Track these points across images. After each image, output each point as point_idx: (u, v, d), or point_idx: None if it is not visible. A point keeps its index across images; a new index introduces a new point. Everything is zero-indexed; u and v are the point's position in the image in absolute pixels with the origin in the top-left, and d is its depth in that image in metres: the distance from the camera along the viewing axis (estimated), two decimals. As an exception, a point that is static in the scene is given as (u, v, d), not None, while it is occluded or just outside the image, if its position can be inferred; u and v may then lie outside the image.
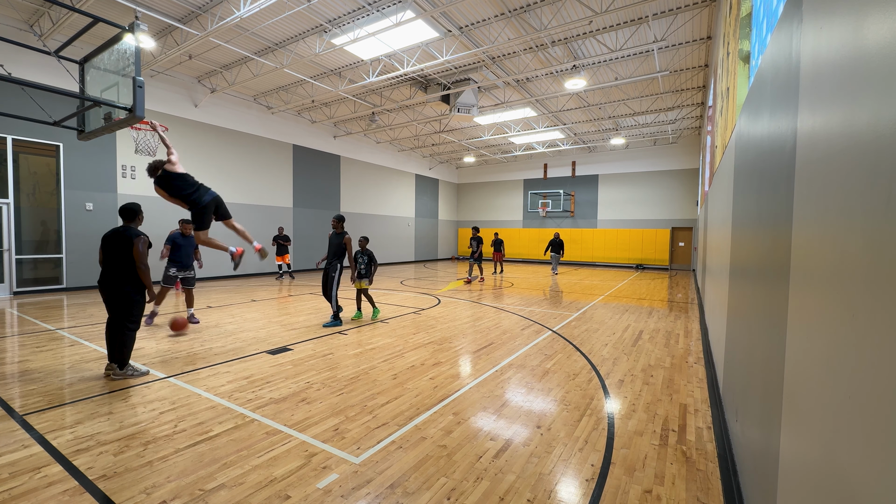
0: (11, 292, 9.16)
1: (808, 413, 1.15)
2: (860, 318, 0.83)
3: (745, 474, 2.20)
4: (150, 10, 8.31)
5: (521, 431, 3.07)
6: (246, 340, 5.53)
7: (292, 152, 15.43)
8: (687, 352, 5.30)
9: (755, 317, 2.12)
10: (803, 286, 1.26)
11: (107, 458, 2.61)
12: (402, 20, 8.22)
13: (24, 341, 5.42)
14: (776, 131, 1.79)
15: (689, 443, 2.93)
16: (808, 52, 1.33)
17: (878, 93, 0.79)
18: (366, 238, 7.07)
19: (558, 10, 8.34)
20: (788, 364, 1.39)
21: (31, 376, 4.11)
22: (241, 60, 10.97)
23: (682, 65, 10.97)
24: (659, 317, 7.67)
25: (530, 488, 2.37)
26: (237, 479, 2.41)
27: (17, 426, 3.05)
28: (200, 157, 12.52)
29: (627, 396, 3.77)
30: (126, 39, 4.22)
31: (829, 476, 0.97)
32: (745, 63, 4.36)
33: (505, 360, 4.83)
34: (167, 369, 4.35)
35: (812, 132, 1.23)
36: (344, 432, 3.00)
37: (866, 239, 0.82)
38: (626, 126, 16.78)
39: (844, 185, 0.95)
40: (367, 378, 4.15)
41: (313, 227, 16.12)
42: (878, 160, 0.78)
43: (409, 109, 14.78)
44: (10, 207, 9.07)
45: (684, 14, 8.50)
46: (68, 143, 9.80)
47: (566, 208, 21.65)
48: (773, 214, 1.76)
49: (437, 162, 23.69)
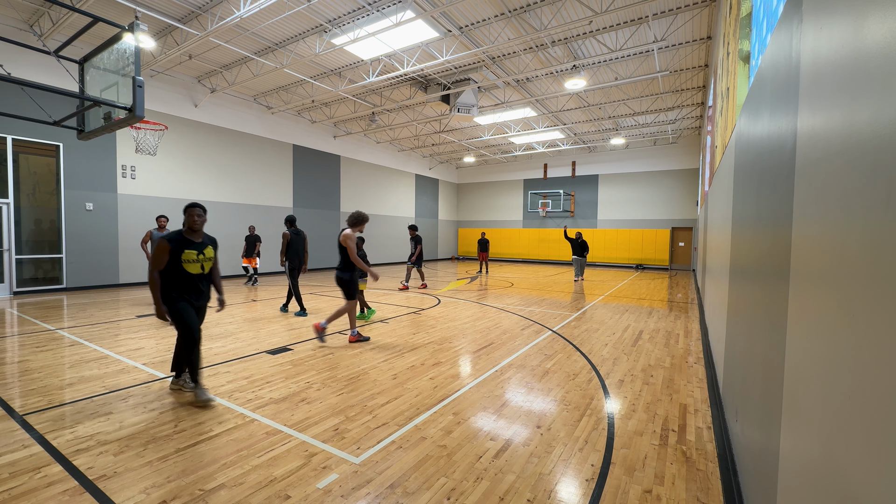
0: (11, 292, 9.16)
1: (808, 413, 1.15)
2: (860, 318, 0.83)
3: (745, 474, 2.20)
4: (150, 10, 8.31)
5: (521, 431, 3.07)
6: (246, 340, 5.53)
7: (292, 152, 15.44)
8: (687, 352, 5.30)
9: (755, 317, 2.12)
10: (803, 286, 1.26)
11: (107, 458, 2.61)
12: (402, 20, 8.22)
13: (24, 341, 5.42)
14: (776, 131, 1.79)
15: (689, 443, 2.93)
16: (808, 52, 1.33)
17: (878, 93, 0.79)
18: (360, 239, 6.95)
19: (558, 10, 8.34)
20: (788, 364, 1.39)
21: (31, 376, 4.10)
22: (241, 60, 10.97)
23: (682, 65, 10.98)
24: (659, 317, 7.67)
25: (530, 488, 2.37)
26: (237, 479, 2.41)
27: (17, 426, 3.05)
28: (200, 157, 12.53)
29: (627, 396, 3.77)
30: (126, 39, 4.23)
31: (828, 476, 0.96)
32: (745, 63, 4.36)
33: (505, 360, 4.83)
34: (167, 369, 4.34)
35: (812, 132, 1.23)
36: (344, 432, 3.00)
37: (866, 239, 0.82)
38: (626, 126, 16.78)
39: (844, 185, 0.95)
40: (367, 378, 4.15)
41: (314, 227, 16.12)
42: (877, 160, 0.78)
43: (409, 109, 14.79)
44: (10, 207, 9.07)
45: (684, 14, 8.51)
46: (68, 143, 9.80)
47: (566, 208, 21.65)
48: (773, 214, 1.76)
49: (437, 162, 23.69)
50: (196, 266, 3.53)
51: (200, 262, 3.56)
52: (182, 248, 3.45)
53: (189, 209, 3.54)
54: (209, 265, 3.65)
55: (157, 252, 3.39)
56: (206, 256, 3.59)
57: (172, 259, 3.41)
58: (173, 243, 3.42)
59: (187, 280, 3.51)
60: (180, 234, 3.50)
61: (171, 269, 3.44)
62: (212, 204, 12.74)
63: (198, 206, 3.58)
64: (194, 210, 3.56)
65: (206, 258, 3.60)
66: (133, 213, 10.99)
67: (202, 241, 3.62)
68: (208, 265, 3.64)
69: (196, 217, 3.54)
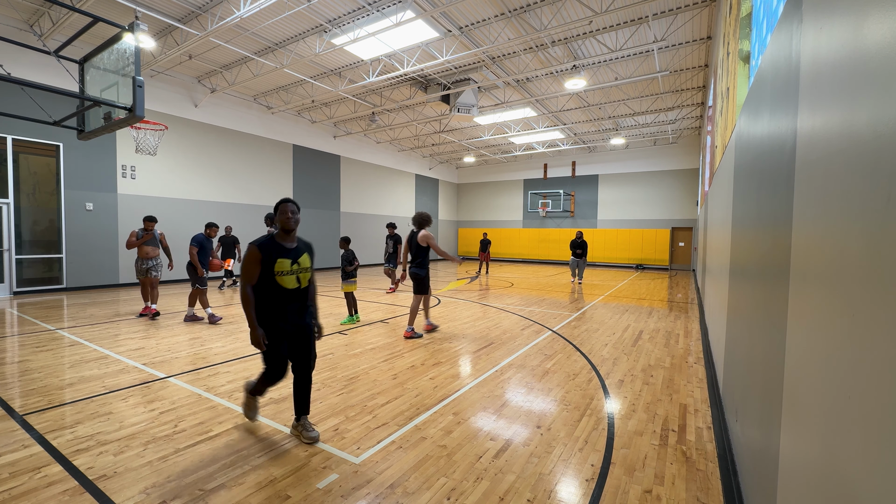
0: (11, 292, 9.16)
1: (808, 413, 1.15)
2: (860, 318, 0.83)
3: (745, 474, 2.20)
4: (150, 10, 8.31)
5: (521, 431, 3.07)
6: (245, 340, 5.53)
7: (292, 152, 15.44)
8: (687, 352, 5.30)
9: (755, 317, 2.12)
10: (803, 286, 1.26)
11: (107, 458, 2.61)
12: (402, 20, 8.22)
13: (24, 341, 5.42)
14: (776, 131, 1.79)
15: (689, 443, 2.93)
16: (807, 53, 1.33)
17: (878, 93, 0.79)
18: (346, 239, 6.82)
19: (558, 10, 8.34)
20: (788, 364, 1.39)
21: (31, 376, 4.10)
22: (241, 60, 10.97)
23: (682, 65, 10.97)
24: (659, 317, 7.67)
25: (530, 488, 2.37)
26: (237, 479, 2.41)
27: (17, 426, 3.05)
28: (200, 157, 12.52)
29: (627, 396, 3.77)
30: (126, 39, 4.23)
31: (828, 476, 0.97)
32: (745, 63, 4.36)
33: (505, 360, 4.83)
34: (167, 369, 4.35)
35: (812, 132, 1.23)
36: (344, 432, 3.00)
37: (866, 239, 0.82)
38: (626, 126, 16.78)
39: (844, 185, 0.95)
40: (367, 378, 4.15)
41: (314, 227, 16.13)
42: (877, 160, 0.78)
43: (409, 109, 14.79)
44: (10, 207, 9.07)
45: (684, 14, 8.50)
46: (68, 143, 9.80)
47: (566, 208, 21.64)
48: (773, 214, 1.76)
49: (437, 162, 23.69)
50: (291, 279, 2.78)
51: (296, 274, 2.81)
52: (274, 256, 2.73)
53: (281, 205, 2.79)
54: (307, 278, 2.89)
55: (247, 263, 2.71)
56: (301, 266, 2.84)
57: (264, 271, 2.72)
58: (264, 251, 2.71)
59: (281, 297, 2.77)
60: (271, 238, 2.80)
61: (262, 284, 2.75)
62: (212, 204, 12.74)
63: (290, 201, 2.83)
64: (287, 206, 2.79)
65: (302, 268, 2.85)
66: (133, 213, 10.98)
67: (297, 246, 2.87)
68: (306, 278, 2.88)
69: (290, 215, 2.80)
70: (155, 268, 7.01)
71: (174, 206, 11.78)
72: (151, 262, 6.98)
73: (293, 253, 2.82)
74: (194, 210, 12.26)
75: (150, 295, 6.97)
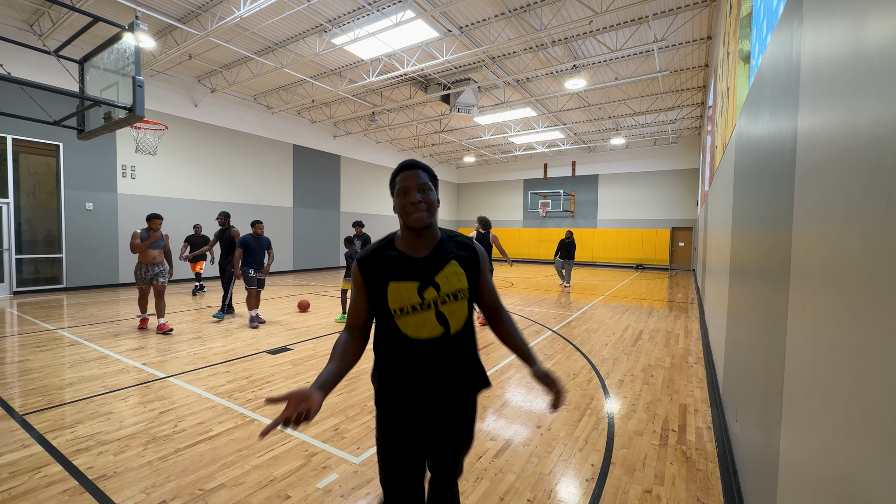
0: (11, 292, 9.16)
1: (808, 413, 1.15)
2: (860, 318, 0.83)
3: (745, 474, 2.20)
4: (150, 10, 8.31)
5: (521, 431, 3.07)
6: (245, 340, 5.53)
7: (292, 152, 15.44)
8: (687, 352, 5.30)
9: (755, 317, 2.12)
10: (803, 286, 1.26)
11: (107, 458, 2.61)
12: (402, 20, 8.22)
13: (24, 341, 5.42)
14: (776, 131, 1.79)
15: (689, 443, 2.93)
16: (808, 53, 1.33)
17: (879, 93, 0.79)
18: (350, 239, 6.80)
19: (558, 10, 8.34)
20: (788, 364, 1.39)
21: (30, 376, 4.10)
22: (241, 60, 10.97)
23: (682, 65, 10.98)
24: (659, 317, 7.67)
25: (530, 488, 2.37)
26: (237, 479, 2.41)
27: (17, 426, 3.05)
28: (200, 157, 12.52)
29: (627, 396, 3.77)
30: (126, 39, 4.23)
31: (829, 476, 0.96)
32: (745, 63, 4.36)
33: (505, 359, 4.83)
34: (167, 369, 4.35)
35: (812, 132, 1.23)
36: (344, 432, 3.00)
37: (866, 239, 0.82)
38: (626, 126, 16.78)
39: (844, 185, 0.95)
40: (366, 378, 4.14)
41: (314, 227, 16.13)
42: (878, 161, 0.78)
43: (409, 109, 14.79)
44: (10, 207, 9.07)
45: (684, 14, 8.51)
46: (68, 143, 9.80)
47: (566, 208, 21.65)
48: (774, 214, 1.76)
49: (437, 162, 23.68)
50: (419, 321, 1.35)
51: (434, 309, 1.36)
52: (385, 278, 1.37)
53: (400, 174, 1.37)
54: (461, 312, 1.39)
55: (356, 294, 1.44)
56: (442, 292, 1.36)
57: (374, 303, 1.41)
58: (366, 268, 1.39)
59: (405, 349, 1.39)
60: (380, 246, 1.42)
61: (381, 330, 1.45)
62: (212, 204, 12.73)
63: (415, 166, 1.37)
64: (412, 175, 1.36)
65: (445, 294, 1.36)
66: (133, 212, 10.98)
67: (434, 252, 1.40)
68: (457, 313, 1.38)
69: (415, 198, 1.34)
70: (162, 274, 5.97)
71: (174, 206, 11.78)
72: (158, 267, 5.94)
73: (423, 269, 1.37)
74: (194, 210, 12.25)
75: (157, 306, 5.95)
